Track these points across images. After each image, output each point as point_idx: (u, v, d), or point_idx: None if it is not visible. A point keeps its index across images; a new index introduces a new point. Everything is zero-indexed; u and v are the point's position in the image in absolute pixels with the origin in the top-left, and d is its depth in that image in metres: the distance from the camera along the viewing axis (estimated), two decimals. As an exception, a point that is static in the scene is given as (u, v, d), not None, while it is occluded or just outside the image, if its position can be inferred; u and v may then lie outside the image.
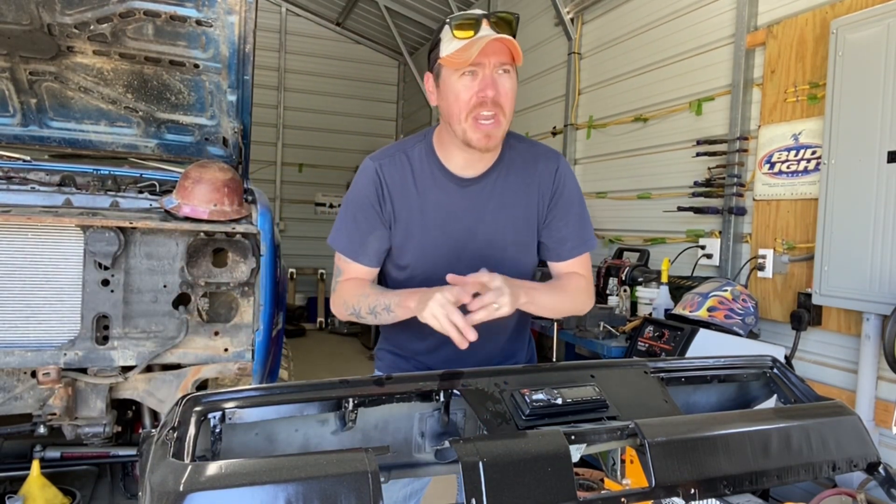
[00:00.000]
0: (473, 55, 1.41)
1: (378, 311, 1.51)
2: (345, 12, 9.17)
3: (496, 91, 1.45)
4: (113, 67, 2.72)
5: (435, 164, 1.60)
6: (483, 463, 0.95)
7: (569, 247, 1.66)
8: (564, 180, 1.65)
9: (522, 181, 1.63)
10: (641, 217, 4.43)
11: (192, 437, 0.96)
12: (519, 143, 1.67)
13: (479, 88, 1.45)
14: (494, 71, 1.46)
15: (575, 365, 1.33)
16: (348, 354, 7.53)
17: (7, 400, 2.26)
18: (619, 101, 4.71)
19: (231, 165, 2.84)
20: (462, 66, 1.44)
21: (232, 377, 2.48)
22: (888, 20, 2.56)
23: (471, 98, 1.46)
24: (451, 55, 1.46)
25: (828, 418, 1.25)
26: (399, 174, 1.60)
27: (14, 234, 2.23)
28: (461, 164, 1.59)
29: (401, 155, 1.62)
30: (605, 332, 3.52)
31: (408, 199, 1.59)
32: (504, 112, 1.48)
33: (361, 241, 1.61)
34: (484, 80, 1.45)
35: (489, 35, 1.42)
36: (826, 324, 2.98)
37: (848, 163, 2.70)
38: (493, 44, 1.42)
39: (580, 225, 1.67)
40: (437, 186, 1.59)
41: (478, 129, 1.47)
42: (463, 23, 1.45)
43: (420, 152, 1.62)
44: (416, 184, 1.59)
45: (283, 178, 9.51)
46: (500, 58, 1.45)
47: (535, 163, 1.65)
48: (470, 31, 1.44)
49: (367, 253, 1.61)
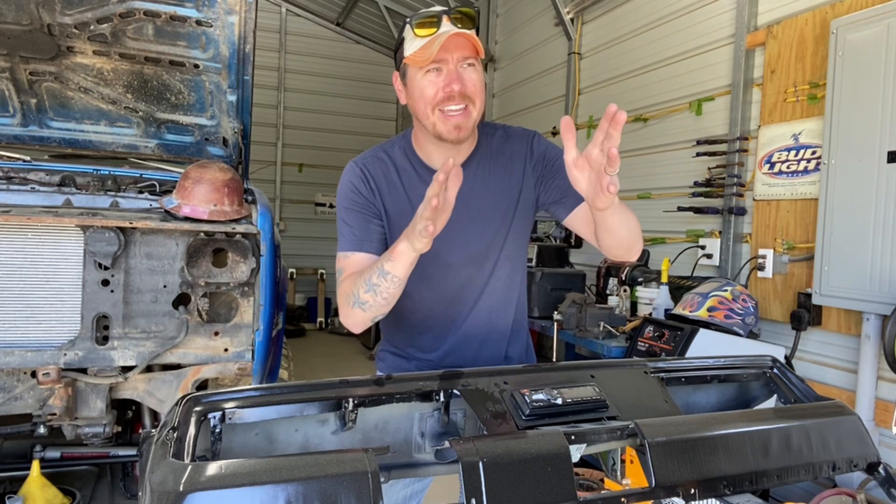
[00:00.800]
0: (434, 52, 1.43)
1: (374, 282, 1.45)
2: (345, 12, 9.17)
3: (462, 84, 1.47)
4: (113, 67, 2.72)
5: (416, 161, 1.62)
6: (483, 463, 0.95)
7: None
8: (543, 145, 1.66)
9: (502, 164, 1.64)
10: (641, 217, 4.36)
11: (192, 437, 0.96)
12: (494, 130, 1.68)
13: (445, 83, 1.47)
14: (459, 65, 1.47)
15: (575, 365, 1.33)
16: (348, 354, 7.53)
17: (7, 400, 2.26)
18: (619, 101, 4.70)
19: (231, 165, 2.84)
20: (425, 63, 1.46)
21: (232, 377, 2.48)
22: (888, 20, 2.56)
23: (437, 93, 1.48)
24: (413, 54, 1.48)
25: (828, 418, 1.25)
26: (383, 172, 1.62)
27: (14, 234, 2.23)
28: (440, 158, 1.59)
29: (381, 154, 1.64)
30: (605, 332, 3.52)
31: (395, 195, 1.60)
32: (474, 103, 1.49)
33: (362, 232, 1.59)
34: (449, 76, 1.47)
35: (449, 31, 1.43)
36: (826, 324, 2.98)
37: (848, 163, 2.70)
38: (454, 39, 1.43)
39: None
40: (421, 180, 1.60)
41: (447, 120, 1.49)
42: (423, 21, 1.46)
43: (400, 150, 1.64)
44: (401, 181, 1.61)
45: (283, 178, 9.50)
46: (462, 52, 1.46)
47: (510, 142, 1.66)
48: (430, 28, 1.45)
49: (370, 240, 1.58)
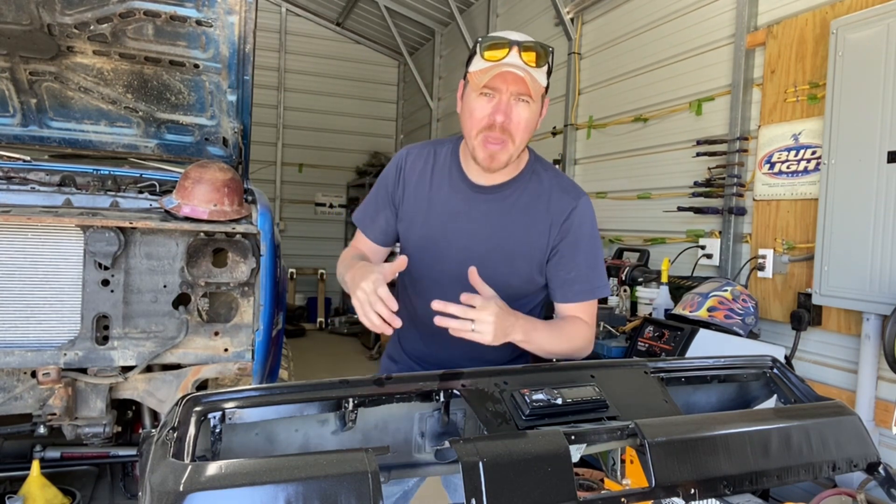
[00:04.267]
0: (485, 80, 1.46)
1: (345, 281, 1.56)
2: (345, 12, 9.17)
3: (507, 118, 1.48)
4: (113, 67, 2.72)
5: (455, 165, 1.65)
6: (483, 463, 0.95)
7: (576, 290, 1.62)
8: (581, 220, 1.61)
9: (535, 206, 1.61)
10: (641, 217, 4.43)
11: (192, 437, 0.96)
12: (544, 171, 1.66)
13: (492, 112, 1.48)
14: (511, 98, 1.48)
15: (575, 365, 1.33)
16: (348, 354, 7.53)
17: (7, 400, 2.26)
18: (619, 101, 4.71)
19: (231, 165, 2.83)
20: (478, 86, 1.48)
21: (232, 377, 2.48)
22: (888, 20, 2.56)
23: (482, 119, 1.49)
24: (473, 73, 1.50)
25: (828, 418, 1.25)
26: (421, 166, 1.67)
27: (14, 234, 2.23)
28: (476, 172, 1.62)
29: (430, 149, 1.70)
30: (605, 332, 3.52)
31: (420, 190, 1.65)
32: (513, 140, 1.50)
33: (371, 217, 1.73)
34: (498, 105, 1.48)
35: (507, 66, 1.44)
36: (826, 324, 2.98)
37: (848, 163, 2.70)
38: (512, 74, 1.44)
39: (591, 269, 1.62)
40: (451, 185, 1.63)
41: (485, 147, 1.51)
42: (492, 44, 1.47)
43: (447, 151, 1.68)
44: (432, 178, 1.65)
45: (283, 178, 9.51)
46: (517, 87, 1.47)
47: (554, 193, 1.62)
48: (497, 52, 1.45)
49: (373, 228, 1.73)
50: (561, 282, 1.62)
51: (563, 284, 1.62)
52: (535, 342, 1.49)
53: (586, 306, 1.63)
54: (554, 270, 1.62)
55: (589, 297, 1.63)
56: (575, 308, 1.62)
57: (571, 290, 1.62)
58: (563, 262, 1.61)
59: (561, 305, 1.64)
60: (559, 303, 1.64)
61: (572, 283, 1.61)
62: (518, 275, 1.61)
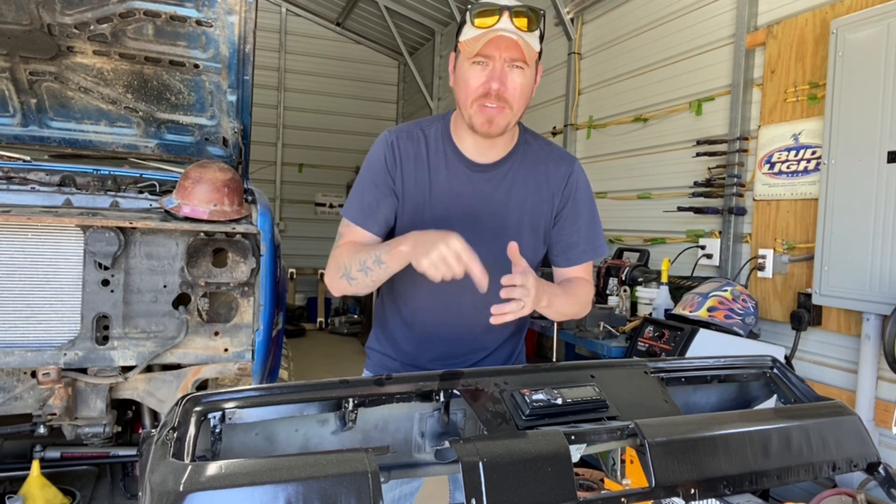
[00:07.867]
0: (478, 47, 1.41)
1: (368, 266, 1.44)
2: (345, 12, 9.16)
3: (502, 85, 1.44)
4: (113, 67, 2.72)
5: (449, 145, 1.60)
6: (483, 463, 0.95)
7: (579, 251, 1.65)
8: (577, 184, 1.64)
9: (534, 178, 1.61)
10: (641, 217, 4.43)
11: (192, 437, 0.96)
12: (535, 141, 1.66)
13: (486, 79, 1.45)
14: (505, 65, 1.45)
15: (575, 365, 1.33)
16: (348, 354, 7.52)
17: (7, 400, 2.26)
18: (619, 101, 4.71)
19: (231, 165, 2.84)
20: (471, 55, 1.44)
21: (232, 377, 2.48)
22: (888, 20, 2.56)
23: (478, 87, 1.46)
24: (464, 42, 1.46)
25: (828, 418, 1.25)
26: (413, 149, 1.59)
27: (14, 234, 2.23)
28: (472, 148, 1.58)
29: (417, 131, 1.62)
30: (605, 332, 3.52)
31: (418, 174, 1.59)
32: (511, 106, 1.47)
33: (372, 208, 1.58)
34: (492, 73, 1.44)
35: (500, 30, 1.40)
36: (826, 324, 2.98)
37: (848, 163, 2.70)
38: (505, 39, 1.41)
39: (591, 230, 1.66)
40: (448, 167, 1.59)
41: (482, 113, 1.47)
42: (482, 11, 1.43)
43: (437, 131, 1.61)
44: (428, 161, 1.59)
45: (283, 178, 9.51)
46: (511, 53, 1.43)
47: (549, 162, 1.64)
48: (488, 20, 1.42)
49: (376, 220, 1.58)
50: (565, 246, 1.65)
51: (567, 248, 1.65)
52: (555, 306, 1.51)
53: (587, 265, 1.69)
54: (557, 236, 1.65)
55: (591, 257, 1.68)
56: (578, 270, 1.67)
57: (574, 252, 1.65)
58: (566, 227, 1.64)
59: (563, 269, 1.68)
60: (562, 267, 1.67)
61: (575, 245, 1.65)
62: (525, 247, 1.59)
